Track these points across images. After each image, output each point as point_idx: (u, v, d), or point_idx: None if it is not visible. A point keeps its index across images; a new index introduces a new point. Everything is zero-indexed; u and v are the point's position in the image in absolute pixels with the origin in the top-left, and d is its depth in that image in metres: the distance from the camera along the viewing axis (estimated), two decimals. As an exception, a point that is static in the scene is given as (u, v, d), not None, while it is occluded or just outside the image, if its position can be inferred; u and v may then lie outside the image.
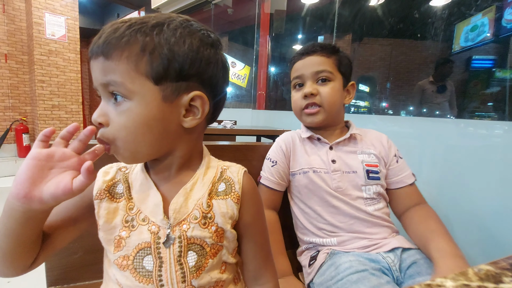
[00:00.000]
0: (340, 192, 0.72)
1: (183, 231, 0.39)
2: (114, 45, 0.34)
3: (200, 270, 0.40)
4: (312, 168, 0.74)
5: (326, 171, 0.73)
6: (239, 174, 0.45)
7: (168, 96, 0.36)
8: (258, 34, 3.42)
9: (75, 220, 0.42)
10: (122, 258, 0.39)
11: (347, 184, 0.72)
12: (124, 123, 0.36)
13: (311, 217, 0.75)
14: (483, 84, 1.76)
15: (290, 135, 0.82)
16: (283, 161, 0.78)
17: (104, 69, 0.35)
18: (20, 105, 4.24)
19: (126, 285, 0.39)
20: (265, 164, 0.81)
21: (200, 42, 0.37)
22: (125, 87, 0.35)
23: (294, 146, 0.79)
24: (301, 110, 0.78)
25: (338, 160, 0.74)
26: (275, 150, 0.80)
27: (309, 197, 0.75)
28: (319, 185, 0.72)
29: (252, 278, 0.48)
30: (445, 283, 0.18)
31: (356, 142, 0.79)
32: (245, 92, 4.20)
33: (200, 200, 0.41)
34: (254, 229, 0.46)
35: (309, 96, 0.75)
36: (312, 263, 0.70)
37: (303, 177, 0.74)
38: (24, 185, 0.30)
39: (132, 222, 0.39)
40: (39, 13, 3.79)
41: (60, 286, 0.66)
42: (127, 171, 0.44)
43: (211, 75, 0.39)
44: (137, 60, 0.34)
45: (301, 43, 4.27)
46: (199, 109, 0.39)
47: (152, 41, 0.35)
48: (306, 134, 0.79)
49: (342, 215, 0.71)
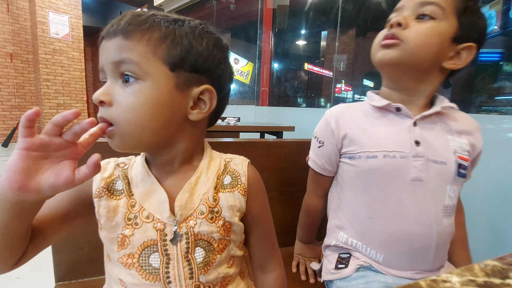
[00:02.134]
0: (419, 186, 0.52)
1: (190, 227, 0.39)
2: (135, 26, 0.35)
3: (208, 266, 0.39)
4: (383, 152, 0.53)
5: (405, 155, 0.52)
6: (243, 166, 0.45)
7: (180, 85, 0.37)
8: (260, 30, 3.39)
9: (70, 216, 0.40)
10: (127, 256, 0.38)
11: (430, 177, 0.52)
12: (133, 103, 0.35)
13: (361, 218, 0.57)
14: (490, 78, 1.73)
15: (345, 108, 0.62)
16: (331, 142, 0.60)
17: (120, 47, 0.35)
18: (26, 104, 4.29)
19: (131, 283, 0.38)
20: (312, 144, 0.66)
21: (214, 44, 0.39)
22: (140, 67, 0.35)
23: (352, 122, 0.59)
24: (379, 43, 0.56)
25: (424, 142, 0.53)
26: (323, 127, 0.62)
27: (367, 190, 0.56)
28: (390, 174, 0.53)
29: (259, 266, 0.48)
30: (450, 279, 0.18)
31: (446, 122, 0.57)
32: (248, 88, 4.19)
33: (206, 194, 0.41)
34: (261, 220, 0.46)
35: (394, 26, 0.53)
36: (340, 267, 0.59)
37: (366, 162, 0.55)
38: (18, 177, 0.28)
39: (135, 219, 0.38)
40: (43, 12, 3.80)
41: (68, 281, 0.67)
42: (126, 167, 0.42)
43: (220, 74, 0.41)
44: (156, 44, 0.35)
45: (304, 39, 4.24)
46: (206, 103, 0.39)
47: (173, 31, 0.36)
48: (380, 102, 0.57)
49: (408, 221, 0.52)
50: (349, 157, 0.58)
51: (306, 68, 4.41)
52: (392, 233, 0.53)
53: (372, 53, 0.58)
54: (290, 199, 0.84)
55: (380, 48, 0.56)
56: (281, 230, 0.85)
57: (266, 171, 0.81)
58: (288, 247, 0.86)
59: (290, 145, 0.83)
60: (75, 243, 0.65)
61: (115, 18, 0.36)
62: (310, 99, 4.59)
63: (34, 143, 0.29)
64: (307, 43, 4.33)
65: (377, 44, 0.57)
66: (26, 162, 0.28)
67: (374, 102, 0.59)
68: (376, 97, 0.60)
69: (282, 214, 0.84)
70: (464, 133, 0.57)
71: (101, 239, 0.40)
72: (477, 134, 0.59)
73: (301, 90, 4.53)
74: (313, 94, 4.71)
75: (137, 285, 0.38)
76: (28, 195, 0.29)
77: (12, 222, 0.31)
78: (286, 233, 0.85)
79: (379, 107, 0.58)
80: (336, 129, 0.59)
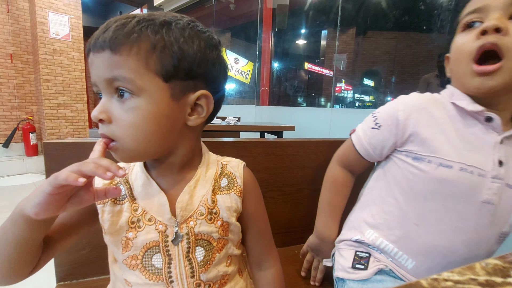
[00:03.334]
0: (486, 209, 0.47)
1: (190, 228, 0.40)
2: (122, 39, 0.33)
3: (208, 265, 0.41)
4: (460, 163, 0.47)
5: (484, 173, 0.46)
6: (239, 168, 0.47)
7: (176, 94, 0.36)
8: (260, 29, 3.39)
9: (78, 226, 0.42)
10: (131, 258, 0.39)
11: (501, 202, 0.47)
12: (133, 120, 0.35)
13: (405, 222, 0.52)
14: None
15: (424, 101, 0.52)
16: (391, 131, 0.53)
17: (110, 64, 0.34)
18: (26, 105, 4.29)
19: (136, 283, 0.39)
20: (367, 121, 0.59)
21: (206, 44, 0.38)
22: (134, 83, 0.34)
23: (431, 120, 0.50)
24: (470, 60, 0.47)
25: (506, 164, 0.47)
26: (389, 112, 0.54)
27: (426, 198, 0.50)
28: (460, 189, 0.47)
29: (256, 263, 0.49)
30: (452, 278, 0.18)
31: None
32: (248, 88, 4.18)
33: (205, 196, 0.42)
34: (256, 218, 0.48)
35: (490, 32, 0.44)
36: (358, 267, 0.56)
37: (437, 169, 0.48)
38: (49, 212, 0.30)
39: (138, 223, 0.39)
40: (42, 13, 3.80)
41: (69, 281, 0.67)
42: (126, 172, 0.43)
43: (215, 75, 0.40)
44: (147, 57, 0.34)
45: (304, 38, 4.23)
46: (203, 108, 0.39)
47: (162, 38, 0.34)
48: (472, 105, 0.48)
49: (460, 241, 0.48)
50: (415, 157, 0.51)
51: (306, 67, 4.40)
52: (437, 247, 0.49)
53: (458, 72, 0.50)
54: (290, 199, 0.84)
55: (475, 74, 0.46)
56: (281, 230, 0.85)
57: (267, 171, 0.81)
58: (289, 246, 0.86)
59: (291, 145, 0.83)
60: (76, 244, 0.65)
61: (99, 29, 0.35)
62: (310, 99, 4.58)
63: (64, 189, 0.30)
64: (307, 42, 4.32)
65: (468, 59, 0.47)
66: (56, 201, 0.31)
67: (462, 103, 0.49)
68: (464, 98, 0.50)
69: (282, 214, 0.83)
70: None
71: (106, 242, 0.42)
72: None
73: (301, 90, 4.52)
74: (313, 94, 4.71)
75: (141, 285, 0.39)
76: (54, 216, 0.33)
77: (33, 236, 0.34)
78: (286, 233, 0.85)
79: (467, 111, 0.49)
80: (405, 122, 0.51)
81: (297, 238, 0.85)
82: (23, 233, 0.33)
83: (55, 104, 4.05)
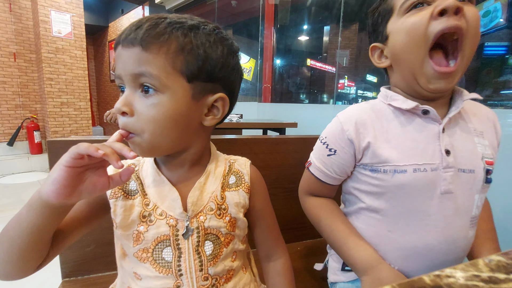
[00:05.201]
0: (447, 198, 0.47)
1: (200, 222, 0.41)
2: (153, 39, 0.35)
3: (216, 259, 0.42)
4: (412, 165, 0.47)
5: (435, 167, 0.46)
6: (246, 166, 0.49)
7: (196, 95, 0.39)
8: (262, 26, 3.37)
9: (88, 219, 0.43)
10: (142, 251, 0.40)
11: (459, 188, 0.47)
12: (154, 115, 0.36)
13: (378, 230, 0.52)
14: (496, 71, 1.70)
15: (362, 112, 0.52)
16: (347, 152, 0.52)
17: (139, 60, 0.35)
18: (30, 103, 4.32)
19: (146, 275, 0.40)
20: (318, 149, 0.56)
21: (229, 50, 0.41)
22: (160, 80, 0.36)
23: (374, 130, 0.50)
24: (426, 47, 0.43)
25: (453, 151, 0.47)
26: (337, 134, 0.52)
27: (390, 205, 0.49)
28: (418, 189, 0.47)
29: (265, 256, 0.52)
30: (454, 274, 0.17)
31: (468, 120, 0.50)
32: (251, 85, 4.17)
33: (215, 192, 0.44)
34: (264, 214, 0.50)
35: (450, 14, 0.40)
36: (347, 269, 0.57)
37: (393, 177, 0.47)
38: (65, 190, 0.31)
39: (149, 217, 0.41)
40: (45, 11, 3.81)
41: (75, 277, 0.68)
42: (136, 168, 0.45)
43: (233, 80, 0.43)
44: (174, 57, 0.36)
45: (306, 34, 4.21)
46: (219, 110, 0.42)
47: (190, 41, 0.37)
48: (406, 103, 0.48)
49: (433, 237, 0.47)
50: (372, 169, 0.50)
51: (309, 64, 4.38)
52: (413, 248, 0.48)
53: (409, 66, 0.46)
54: (293, 196, 0.84)
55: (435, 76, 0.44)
56: (284, 226, 0.85)
57: (269, 168, 0.81)
58: (292, 243, 0.86)
59: (293, 142, 0.83)
60: (81, 240, 0.66)
61: (132, 24, 0.37)
62: (312, 95, 4.56)
63: (81, 163, 0.31)
64: (310, 38, 4.29)
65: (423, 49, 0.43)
66: (72, 178, 0.31)
67: (397, 103, 0.49)
68: (398, 97, 0.50)
69: (285, 211, 0.84)
70: (486, 131, 0.51)
71: (116, 237, 0.43)
72: (498, 125, 0.53)
73: (304, 86, 4.50)
74: (315, 90, 4.69)
75: (151, 277, 0.40)
76: (70, 202, 0.33)
77: (47, 224, 0.34)
78: (289, 229, 0.85)
79: (404, 110, 0.49)
80: (357, 139, 0.50)
81: (300, 235, 0.85)
82: (39, 220, 0.33)
83: (58, 102, 4.08)
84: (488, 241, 0.55)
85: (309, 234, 0.81)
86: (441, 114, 0.48)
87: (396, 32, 0.47)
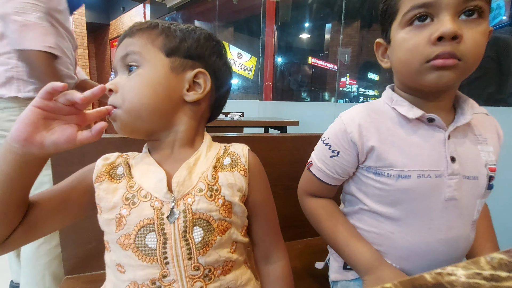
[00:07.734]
0: (451, 204, 0.48)
1: (188, 205, 0.38)
2: (138, 28, 0.43)
3: (207, 247, 0.39)
4: (417, 171, 0.47)
5: (440, 173, 0.47)
6: (243, 149, 0.47)
7: (176, 68, 0.42)
8: (263, 23, 3.36)
9: (68, 203, 0.41)
10: (124, 237, 0.38)
11: (463, 194, 0.48)
12: (133, 85, 0.40)
13: (380, 231, 0.52)
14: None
15: (366, 114, 0.51)
16: (350, 153, 0.52)
17: (126, 45, 0.42)
18: (32, 101, 4.34)
19: (129, 265, 0.38)
20: (321, 150, 0.56)
21: (205, 37, 0.45)
22: (141, 55, 0.41)
23: (380, 133, 0.50)
24: (425, 62, 0.43)
25: (458, 158, 0.48)
26: (340, 136, 0.52)
27: (393, 208, 0.50)
28: (423, 194, 0.47)
29: (263, 257, 0.48)
30: (456, 272, 0.17)
31: (474, 128, 0.51)
32: (252, 83, 4.17)
33: (205, 173, 0.41)
34: (264, 206, 0.47)
35: (448, 39, 0.41)
36: (348, 267, 0.57)
37: (397, 182, 0.48)
38: (27, 128, 0.31)
39: (133, 199, 0.38)
40: (46, 9, 3.81)
41: (77, 274, 0.68)
42: (128, 157, 0.45)
43: (213, 62, 0.45)
44: (154, 37, 0.42)
45: (308, 32, 4.19)
46: (201, 86, 0.44)
47: (169, 27, 0.43)
48: (412, 112, 0.48)
49: (436, 240, 0.48)
50: (375, 173, 0.50)
51: (310, 61, 4.36)
52: (415, 249, 0.49)
53: (410, 70, 0.46)
54: (294, 194, 0.84)
55: (432, 69, 0.43)
56: (285, 224, 0.85)
57: (270, 166, 0.81)
58: (292, 241, 0.86)
59: (294, 140, 0.83)
60: (83, 237, 0.66)
61: None
62: (314, 93, 4.55)
63: (49, 105, 0.33)
64: (311, 36, 4.27)
65: (422, 60, 0.43)
66: (37, 118, 0.32)
67: (402, 110, 0.49)
68: (404, 103, 0.50)
69: (286, 209, 0.83)
70: (491, 137, 0.52)
71: (100, 225, 0.41)
72: (500, 132, 0.54)
73: (305, 84, 4.49)
74: (317, 88, 4.67)
75: (134, 266, 0.37)
76: (32, 147, 0.32)
77: (13, 175, 0.33)
78: (290, 227, 0.85)
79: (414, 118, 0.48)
80: (360, 141, 0.50)
81: (301, 233, 0.85)
82: (6, 167, 0.32)
83: (60, 100, 4.09)
84: (488, 241, 0.57)
85: (309, 232, 0.81)
86: (446, 120, 0.49)
87: (398, 45, 0.47)
